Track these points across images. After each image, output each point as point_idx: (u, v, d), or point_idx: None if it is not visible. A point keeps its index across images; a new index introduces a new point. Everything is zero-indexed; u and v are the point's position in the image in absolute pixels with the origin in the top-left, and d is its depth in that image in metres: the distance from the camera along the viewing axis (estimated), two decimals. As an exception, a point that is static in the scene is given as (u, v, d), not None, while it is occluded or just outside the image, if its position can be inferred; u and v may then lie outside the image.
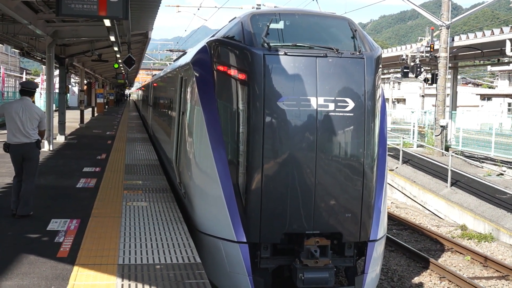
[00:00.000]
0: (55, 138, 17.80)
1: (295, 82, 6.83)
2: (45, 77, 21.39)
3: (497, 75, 60.11)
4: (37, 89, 8.39)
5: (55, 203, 8.74)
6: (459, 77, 33.36)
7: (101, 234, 6.96)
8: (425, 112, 32.65)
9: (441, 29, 21.85)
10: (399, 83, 65.94)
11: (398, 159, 20.33)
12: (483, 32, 21.10)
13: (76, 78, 46.93)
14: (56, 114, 20.70)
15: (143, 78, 73.14)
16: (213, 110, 7.34)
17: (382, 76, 38.71)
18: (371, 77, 7.07)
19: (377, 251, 7.34)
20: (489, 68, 50.42)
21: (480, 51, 22.43)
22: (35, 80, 68.64)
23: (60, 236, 6.86)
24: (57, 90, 23.78)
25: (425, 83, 27.06)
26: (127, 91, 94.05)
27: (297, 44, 7.10)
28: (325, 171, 6.86)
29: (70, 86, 48.83)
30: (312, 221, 6.84)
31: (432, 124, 25.32)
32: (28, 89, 8.01)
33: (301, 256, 6.83)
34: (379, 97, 7.37)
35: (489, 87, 66.12)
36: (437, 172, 18.15)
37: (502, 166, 19.43)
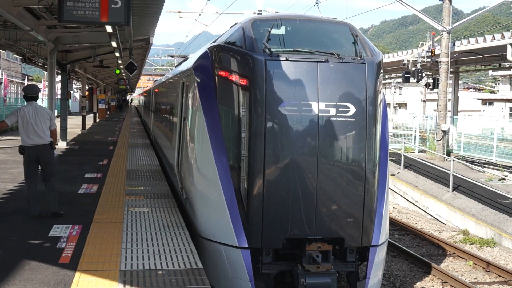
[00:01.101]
0: (57, 144, 17.79)
1: (297, 87, 6.84)
2: (47, 83, 21.43)
3: (499, 80, 60.12)
4: (39, 92, 8.75)
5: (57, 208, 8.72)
6: (460, 82, 33.43)
7: (103, 240, 6.96)
8: (426, 117, 32.65)
9: (442, 34, 21.88)
10: (400, 88, 65.95)
11: (399, 164, 20.33)
12: (484, 37, 21.12)
13: (78, 84, 47.04)
14: (58, 120, 20.69)
15: (144, 83, 73.23)
16: (215, 116, 7.35)
17: (384, 81, 38.69)
18: (372, 82, 7.08)
19: (379, 256, 7.33)
20: (490, 73, 50.49)
21: (481, 56, 22.46)
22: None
23: (62, 242, 6.86)
24: (59, 96, 23.82)
25: (426, 88, 27.09)
26: (128, 97, 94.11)
27: (298, 50, 7.12)
28: (327, 176, 6.86)
29: (71, 92, 48.85)
30: (314, 226, 6.83)
31: (434, 129, 25.31)
32: (31, 96, 8.31)
33: (303, 261, 6.82)
34: (381, 102, 7.38)
35: (491, 92, 66.10)
36: (438, 177, 18.13)
37: (504, 171, 19.40)
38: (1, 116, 29.46)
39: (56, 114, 19.60)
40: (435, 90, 23.38)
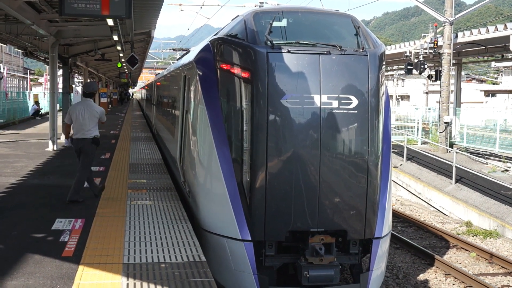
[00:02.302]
0: (59, 138, 17.82)
1: (299, 79, 6.82)
2: (48, 77, 21.42)
3: (501, 71, 59.95)
4: (97, 90, 9.82)
5: (60, 202, 8.75)
6: (463, 73, 33.26)
7: (106, 233, 6.97)
8: (429, 109, 32.59)
9: (444, 25, 21.79)
10: (402, 80, 65.85)
11: (402, 156, 20.31)
12: (487, 28, 21.01)
13: (80, 77, 47.05)
14: (60, 114, 20.73)
15: (146, 77, 73.16)
16: (217, 109, 7.34)
17: (386, 73, 38.55)
18: (374, 74, 7.05)
19: (382, 248, 7.33)
20: (493, 64, 50.27)
21: (484, 47, 22.33)
22: (39, 80, 68.77)
23: (65, 235, 6.87)
24: (60, 90, 23.80)
25: (429, 80, 27.02)
26: (130, 90, 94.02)
27: (300, 42, 7.09)
28: (329, 168, 6.84)
29: (73, 86, 48.76)
30: (316, 219, 6.83)
31: (436, 120, 25.25)
32: (88, 93, 9.13)
33: (306, 253, 6.82)
34: (383, 94, 7.35)
35: (493, 83, 65.95)
36: (441, 168, 18.11)
37: (507, 162, 19.37)
38: (3, 110, 29.51)
39: (58, 108, 19.66)
40: (438, 81, 23.31)
